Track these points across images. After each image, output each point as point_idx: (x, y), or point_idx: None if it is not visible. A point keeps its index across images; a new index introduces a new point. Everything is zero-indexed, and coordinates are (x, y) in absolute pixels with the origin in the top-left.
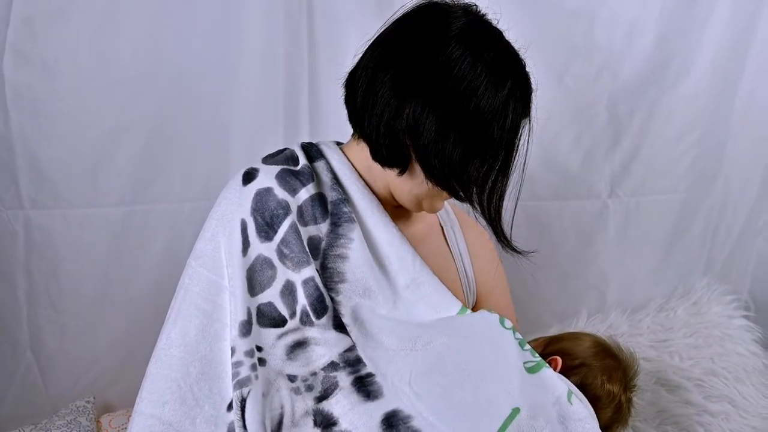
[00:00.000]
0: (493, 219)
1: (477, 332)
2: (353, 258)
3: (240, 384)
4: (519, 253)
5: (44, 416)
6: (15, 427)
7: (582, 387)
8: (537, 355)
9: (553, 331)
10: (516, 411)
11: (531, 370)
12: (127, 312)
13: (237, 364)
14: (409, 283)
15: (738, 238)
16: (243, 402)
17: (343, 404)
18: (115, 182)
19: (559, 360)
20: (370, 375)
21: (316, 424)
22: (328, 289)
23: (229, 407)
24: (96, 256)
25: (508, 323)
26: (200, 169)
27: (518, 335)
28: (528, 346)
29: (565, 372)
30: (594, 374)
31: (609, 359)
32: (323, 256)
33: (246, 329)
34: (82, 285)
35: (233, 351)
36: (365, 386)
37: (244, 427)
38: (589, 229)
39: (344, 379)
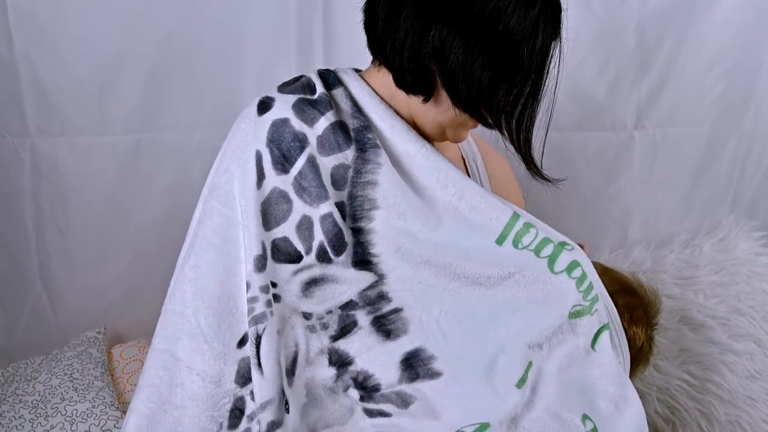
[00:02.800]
0: (523, 146)
1: (518, 279)
2: (384, 182)
3: (255, 320)
4: (549, 180)
5: (54, 346)
6: (25, 357)
7: None
8: (590, 294)
9: None
10: (530, 365)
11: (572, 316)
12: (135, 242)
13: (252, 300)
14: (446, 203)
15: (767, 172)
16: (258, 339)
17: (360, 344)
18: (123, 109)
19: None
20: (392, 312)
21: (331, 362)
22: (359, 218)
23: (240, 344)
24: (103, 185)
25: (560, 264)
26: (210, 96)
27: (573, 272)
28: (585, 285)
29: None
30: None
31: (629, 297)
32: (351, 184)
33: (261, 264)
34: (89, 214)
35: (248, 286)
36: (384, 325)
37: (260, 364)
38: (613, 161)
39: (363, 318)
